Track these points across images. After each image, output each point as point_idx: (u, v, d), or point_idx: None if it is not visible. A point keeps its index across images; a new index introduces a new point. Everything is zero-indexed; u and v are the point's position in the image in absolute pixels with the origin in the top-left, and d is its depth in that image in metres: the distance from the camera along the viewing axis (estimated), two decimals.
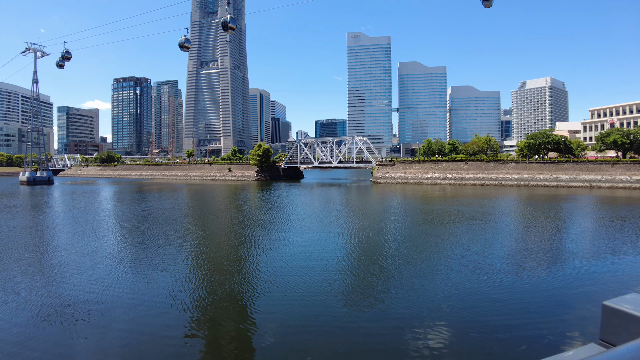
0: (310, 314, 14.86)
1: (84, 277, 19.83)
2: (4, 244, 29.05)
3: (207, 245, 28.44)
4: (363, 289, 17.46)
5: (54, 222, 41.68)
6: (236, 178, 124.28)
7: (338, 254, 24.12)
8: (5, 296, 17.19)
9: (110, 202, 61.67)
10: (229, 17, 49.00)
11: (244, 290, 17.89)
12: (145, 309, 15.51)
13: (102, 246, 27.70)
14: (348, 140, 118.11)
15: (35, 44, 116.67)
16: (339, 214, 43.24)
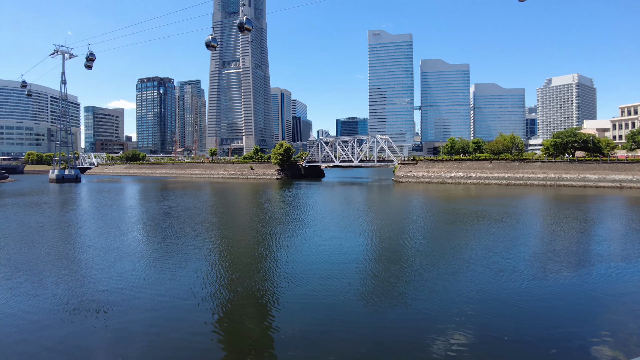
0: (330, 314, 14.83)
1: (108, 273, 20.38)
2: (34, 239, 30.10)
3: (228, 242, 28.83)
4: (383, 290, 17.35)
5: (81, 218, 42.88)
6: (258, 176, 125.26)
7: (358, 253, 24.06)
8: (34, 289, 17.85)
9: (135, 200, 63.11)
10: (245, 18, 49.62)
11: (264, 288, 18.04)
12: (167, 305, 15.84)
13: (126, 242, 28.44)
14: (369, 139, 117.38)
15: (63, 46, 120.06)
16: (360, 213, 43.16)
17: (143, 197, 68.56)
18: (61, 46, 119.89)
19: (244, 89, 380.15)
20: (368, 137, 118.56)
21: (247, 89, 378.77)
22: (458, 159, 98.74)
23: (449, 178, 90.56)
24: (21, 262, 22.91)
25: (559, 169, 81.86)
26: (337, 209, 48.30)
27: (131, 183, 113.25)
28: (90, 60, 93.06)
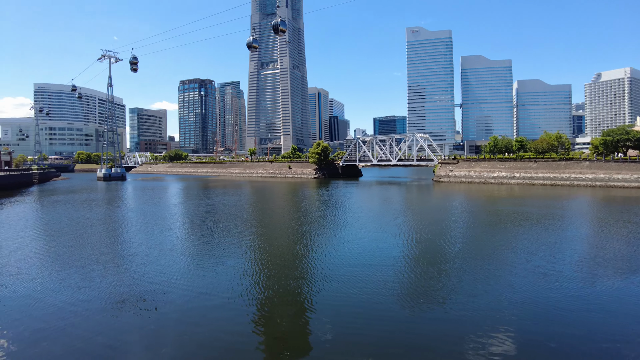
0: (366, 315, 14.68)
1: (150, 267, 21.15)
2: (82, 234, 31.70)
3: (265, 240, 29.18)
4: (421, 292, 17.00)
5: (126, 215, 44.66)
6: (295, 175, 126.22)
7: (395, 254, 23.66)
8: (81, 281, 18.81)
9: (177, 198, 65.03)
10: (279, 20, 50.37)
11: (300, 287, 18.11)
12: (205, 300, 16.22)
13: (168, 238, 29.41)
14: (408, 138, 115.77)
15: (109, 50, 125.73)
16: (398, 213, 42.54)
17: (185, 195, 70.55)
18: (108, 51, 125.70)
19: (282, 90, 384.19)
20: (407, 136, 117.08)
21: (285, 89, 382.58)
22: (501, 158, 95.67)
23: (492, 178, 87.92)
24: (71, 256, 24.17)
25: (610, 169, 77.63)
26: (374, 208, 47.91)
27: (174, 181, 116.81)
28: (134, 63, 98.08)
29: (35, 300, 16.43)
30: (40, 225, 36.98)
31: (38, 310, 15.45)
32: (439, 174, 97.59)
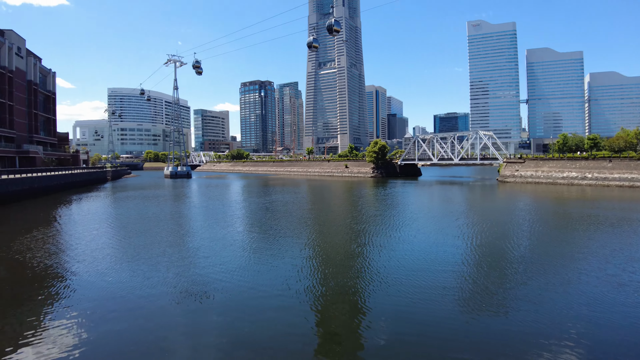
0: (423, 317, 14.04)
1: (212, 261, 21.73)
2: (150, 228, 33.28)
3: (322, 238, 29.01)
4: (482, 298, 15.88)
5: (191, 210, 46.53)
6: (352, 174, 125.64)
7: (455, 257, 22.44)
8: (149, 272, 19.65)
9: (238, 195, 66.88)
10: (333, 20, 50.19)
11: (356, 286, 17.73)
12: (262, 294, 16.34)
13: (229, 234, 30.14)
14: (471, 135, 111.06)
15: (174, 55, 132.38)
16: (459, 214, 40.62)
17: (246, 192, 72.38)
18: (173, 55, 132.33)
19: (339, 89, 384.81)
20: (469, 134, 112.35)
21: (342, 88, 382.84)
22: (571, 158, 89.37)
23: (561, 178, 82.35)
24: (140, 248, 25.42)
25: None
26: (433, 209, 46.32)
27: (236, 179, 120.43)
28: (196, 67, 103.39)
29: (108, 287, 17.46)
30: (112, 219, 39.42)
31: (110, 295, 16.39)
32: (503, 173, 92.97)
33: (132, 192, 71.54)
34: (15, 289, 17.99)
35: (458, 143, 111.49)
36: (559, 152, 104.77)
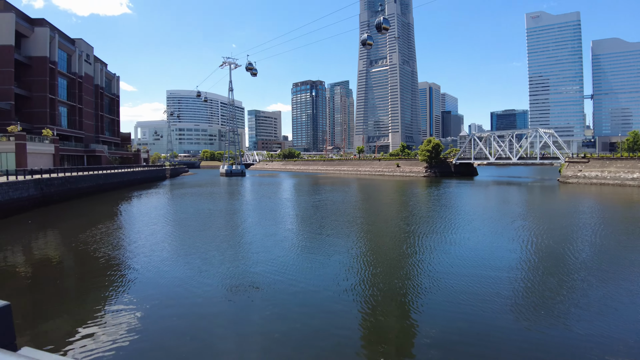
0: (474, 323, 13.31)
1: (264, 256, 22.00)
2: (205, 223, 34.33)
3: (371, 237, 28.58)
4: (538, 305, 14.81)
5: (244, 207, 47.58)
6: (404, 174, 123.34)
7: (510, 261, 21.13)
8: (203, 265, 20.27)
9: (289, 193, 67.68)
10: (382, 18, 49.34)
11: (406, 287, 17.22)
12: (312, 292, 16.28)
13: (280, 230, 30.47)
14: (530, 133, 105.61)
15: (229, 57, 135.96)
16: (515, 216, 38.40)
17: (296, 190, 73.08)
18: (228, 58, 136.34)
19: (391, 86, 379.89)
20: (529, 131, 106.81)
21: (394, 86, 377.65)
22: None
23: (631, 180, 76.27)
24: (195, 242, 26.27)
25: None
26: (489, 210, 44.28)
27: (287, 178, 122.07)
28: (249, 69, 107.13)
29: (165, 279, 18.14)
30: (170, 215, 41.09)
31: (166, 288, 17.00)
32: (565, 174, 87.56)
33: (189, 189, 74.33)
34: (79, 278, 19.32)
35: (517, 141, 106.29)
36: (629, 151, 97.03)
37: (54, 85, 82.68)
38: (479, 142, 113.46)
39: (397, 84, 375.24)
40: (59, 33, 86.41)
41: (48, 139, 70.97)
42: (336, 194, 63.88)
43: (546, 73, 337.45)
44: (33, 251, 25.16)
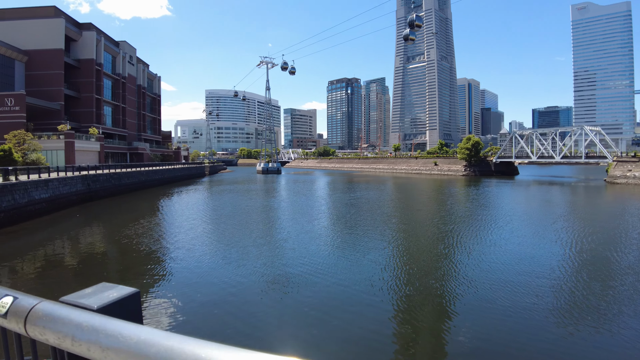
0: (512, 327, 12.82)
1: (298, 253, 22.16)
2: (242, 219, 34.88)
3: (407, 237, 28.07)
4: (581, 310, 14.10)
5: (280, 204, 48.02)
6: (442, 172, 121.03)
7: (550, 263, 20.17)
8: (241, 260, 20.64)
9: (324, 190, 67.75)
10: (415, 16, 48.61)
11: (441, 288, 16.77)
12: (345, 290, 16.17)
13: (315, 228, 30.53)
14: (575, 131, 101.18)
15: (267, 57, 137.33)
16: (557, 217, 36.69)
17: (331, 188, 73.11)
18: (265, 57, 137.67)
19: (429, 83, 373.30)
20: (573, 129, 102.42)
21: (432, 82, 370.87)
22: None
23: None
24: (233, 237, 26.80)
25: None
26: (529, 211, 42.52)
27: (322, 175, 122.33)
28: (285, 68, 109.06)
29: (204, 271, 18.65)
30: (209, 210, 42.06)
31: (206, 279, 17.50)
32: (613, 173, 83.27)
33: (228, 186, 75.83)
34: (122, 269, 20.15)
35: (560, 139, 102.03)
36: None
37: (100, 86, 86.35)
38: (520, 140, 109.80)
39: (435, 80, 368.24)
40: (104, 36, 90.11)
41: (94, 137, 74.16)
42: (371, 191, 63.46)
43: (593, 67, 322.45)
44: (81, 242, 26.40)
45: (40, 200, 36.95)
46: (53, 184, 40.30)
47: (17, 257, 22.41)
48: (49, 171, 42.74)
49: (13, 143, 51.04)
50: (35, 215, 35.36)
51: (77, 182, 46.07)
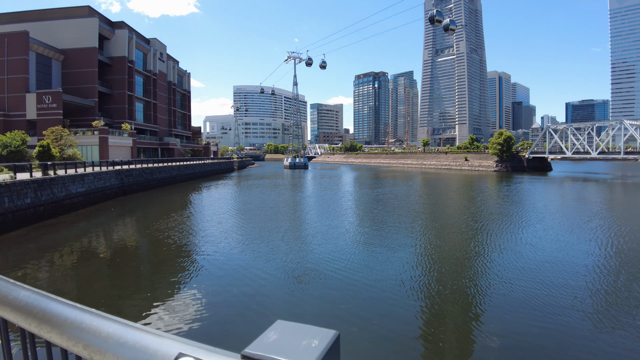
0: (546, 329, 12.24)
1: (327, 249, 22.01)
2: (271, 214, 35.12)
3: (436, 234, 27.44)
4: (621, 311, 13.42)
5: (308, 199, 48.23)
6: (473, 168, 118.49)
7: (586, 263, 19.36)
8: (271, 254, 20.74)
9: (351, 186, 67.52)
10: (435, 11, 48.55)
11: (471, 287, 16.26)
12: (375, 288, 15.95)
13: (342, 224, 30.26)
14: (613, 125, 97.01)
15: (294, 52, 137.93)
16: (593, 215, 35.08)
17: (360, 183, 72.76)
18: (293, 52, 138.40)
19: (458, 76, 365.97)
20: (611, 123, 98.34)
21: (462, 76, 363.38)
22: None
23: None
24: (262, 232, 26.96)
25: None
26: (564, 208, 40.92)
27: (349, 171, 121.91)
28: (309, 64, 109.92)
29: (232, 267, 18.70)
30: (238, 204, 42.67)
31: (233, 275, 17.48)
32: None
33: (256, 181, 76.53)
34: (152, 262, 20.65)
35: (597, 134, 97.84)
36: None
37: (132, 83, 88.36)
38: (554, 134, 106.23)
39: (465, 73, 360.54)
40: (136, 34, 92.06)
41: (127, 132, 76.00)
42: (400, 187, 62.82)
43: (632, 58, 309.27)
44: (116, 236, 27.16)
45: (77, 194, 38.09)
46: (89, 178, 41.45)
47: (56, 249, 23.20)
48: (85, 166, 43.93)
49: (51, 139, 52.77)
50: (72, 209, 36.47)
51: (111, 176, 47.28)
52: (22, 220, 29.11)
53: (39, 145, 47.82)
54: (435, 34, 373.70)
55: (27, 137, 52.75)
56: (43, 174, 34.65)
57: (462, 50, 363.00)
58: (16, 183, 29.51)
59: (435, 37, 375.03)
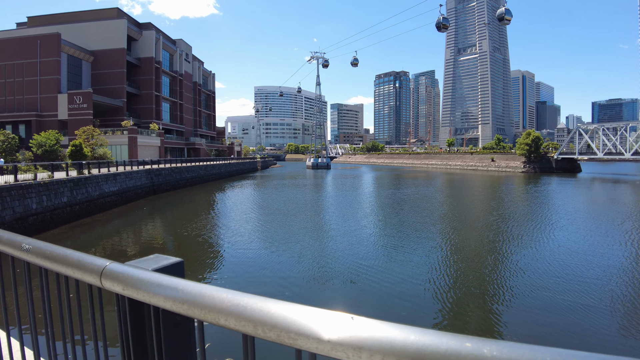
0: (575, 336, 11.57)
1: (349, 252, 21.29)
2: (294, 213, 35.09)
3: (462, 236, 26.39)
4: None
5: (330, 200, 47.44)
6: (500, 169, 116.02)
7: (617, 266, 18.34)
8: (293, 257, 20.24)
9: (373, 186, 66.88)
10: (442, 17, 48.32)
11: (496, 292, 15.51)
12: (395, 288, 15.55)
13: (365, 226, 29.46)
14: None
15: (317, 52, 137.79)
16: (625, 217, 33.40)
17: (380, 184, 71.95)
18: (316, 52, 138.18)
19: (481, 75, 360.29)
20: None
21: (484, 75, 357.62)
22: None
23: None
24: (286, 233, 26.64)
25: None
26: (594, 210, 39.14)
27: (370, 171, 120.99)
28: (325, 66, 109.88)
29: (254, 268, 18.48)
30: (263, 203, 42.79)
31: (254, 276, 17.28)
32: None
33: (280, 181, 76.47)
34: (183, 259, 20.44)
35: (630, 135, 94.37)
36: None
37: (159, 83, 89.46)
38: (584, 134, 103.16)
39: (488, 72, 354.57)
40: (162, 35, 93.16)
41: (155, 132, 76.87)
42: (424, 188, 61.84)
43: None
44: (148, 234, 27.44)
45: (110, 193, 38.47)
46: (121, 177, 41.86)
47: (91, 247, 23.28)
48: (116, 165, 44.42)
49: (83, 138, 53.57)
50: (106, 208, 36.85)
51: (141, 176, 47.69)
52: (59, 219, 29.45)
53: (72, 144, 48.55)
54: (457, 33, 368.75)
55: (61, 137, 53.70)
56: (78, 173, 35.03)
57: (484, 49, 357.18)
58: (54, 182, 29.88)
59: (457, 36, 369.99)
